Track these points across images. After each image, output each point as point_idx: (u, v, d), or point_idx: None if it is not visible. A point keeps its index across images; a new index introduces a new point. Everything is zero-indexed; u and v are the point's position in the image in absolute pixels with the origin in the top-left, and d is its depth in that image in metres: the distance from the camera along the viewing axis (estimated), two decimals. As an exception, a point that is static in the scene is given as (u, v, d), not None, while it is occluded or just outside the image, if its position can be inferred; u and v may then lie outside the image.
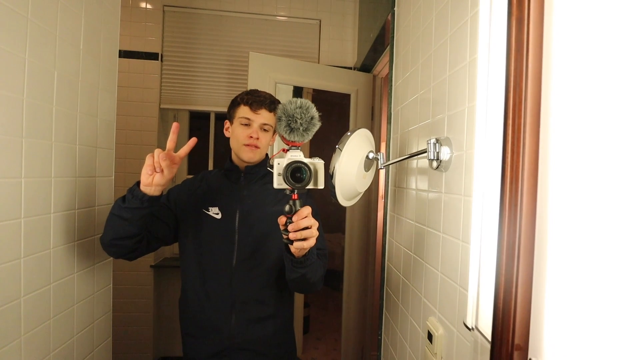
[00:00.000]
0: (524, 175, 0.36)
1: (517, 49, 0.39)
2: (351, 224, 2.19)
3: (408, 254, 1.08)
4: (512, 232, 0.37)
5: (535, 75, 0.39)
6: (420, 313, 0.96)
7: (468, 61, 0.74)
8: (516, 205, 0.36)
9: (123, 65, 2.30)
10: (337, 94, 2.16)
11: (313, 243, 0.78)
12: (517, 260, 0.37)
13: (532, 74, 0.37)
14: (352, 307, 2.20)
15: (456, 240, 0.76)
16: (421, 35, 1.05)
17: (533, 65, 0.39)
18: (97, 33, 1.14)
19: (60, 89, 0.97)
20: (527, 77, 0.39)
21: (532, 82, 0.38)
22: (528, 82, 0.38)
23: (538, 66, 0.39)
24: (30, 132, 0.87)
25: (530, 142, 0.38)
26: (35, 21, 0.87)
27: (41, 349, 0.94)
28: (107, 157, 1.23)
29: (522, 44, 0.37)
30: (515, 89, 0.39)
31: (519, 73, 0.39)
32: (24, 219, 0.86)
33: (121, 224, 0.91)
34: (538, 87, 0.38)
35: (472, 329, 0.49)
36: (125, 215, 0.90)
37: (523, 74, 0.39)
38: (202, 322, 1.04)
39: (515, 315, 0.36)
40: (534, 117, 0.39)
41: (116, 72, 1.27)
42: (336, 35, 2.55)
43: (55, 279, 0.98)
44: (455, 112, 0.79)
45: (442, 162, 0.83)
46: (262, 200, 1.08)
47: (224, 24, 2.47)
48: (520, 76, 0.39)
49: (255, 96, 1.06)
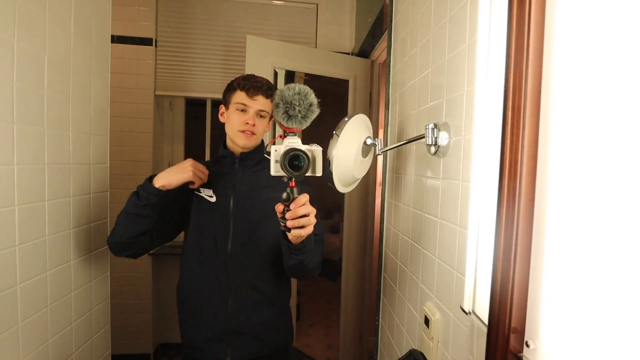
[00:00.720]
0: (523, 158, 0.35)
1: (518, 28, 0.37)
2: (349, 210, 2.19)
3: (406, 240, 1.09)
4: (511, 216, 0.37)
5: (536, 57, 0.38)
6: (417, 298, 0.97)
7: (467, 44, 0.73)
8: (515, 188, 0.36)
9: (116, 51, 2.26)
10: (332, 79, 2.12)
11: (311, 230, 0.78)
12: (515, 244, 0.36)
13: (532, 55, 0.36)
14: (350, 293, 2.22)
15: (454, 226, 0.76)
16: (420, 18, 1.03)
17: (534, 46, 0.38)
18: (88, 16, 1.11)
19: (51, 74, 0.95)
20: (528, 58, 0.38)
21: (532, 63, 0.37)
22: (529, 63, 0.37)
23: (539, 46, 0.38)
24: (21, 117, 0.85)
25: (530, 125, 0.37)
26: (23, 3, 0.84)
27: (39, 336, 0.95)
28: (101, 144, 1.21)
29: (524, 23, 0.36)
30: (516, 71, 0.38)
31: (520, 54, 0.38)
32: (17, 207, 0.86)
33: (139, 221, 0.95)
34: (539, 69, 0.37)
35: (469, 312, 0.49)
36: (144, 213, 0.95)
37: (524, 54, 0.37)
38: (199, 307, 1.05)
39: (512, 299, 0.36)
40: (534, 99, 0.38)
41: (109, 57, 1.24)
42: (333, 20, 2.50)
43: (51, 267, 0.98)
44: (454, 97, 0.78)
45: (440, 148, 0.83)
46: (256, 185, 1.07)
47: (219, 9, 2.42)
48: (520, 57, 0.38)
49: (252, 81, 1.03)
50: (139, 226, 0.96)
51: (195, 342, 1.06)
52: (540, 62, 0.37)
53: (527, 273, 0.36)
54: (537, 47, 0.38)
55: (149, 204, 0.94)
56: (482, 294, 0.48)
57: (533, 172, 0.37)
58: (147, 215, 0.95)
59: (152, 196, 0.94)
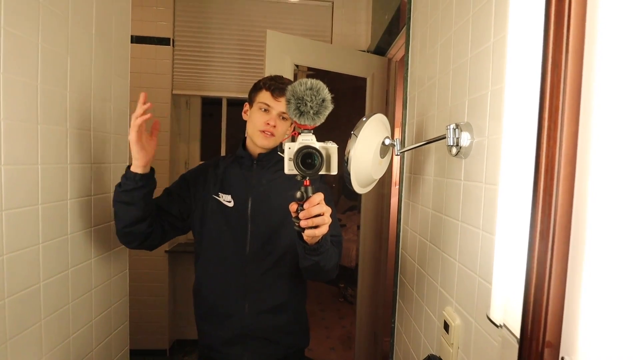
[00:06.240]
0: (560, 162, 0.33)
1: (556, 24, 0.35)
2: (365, 209, 2.18)
3: (424, 242, 1.06)
4: (546, 223, 0.35)
5: (576, 54, 0.35)
6: (436, 302, 0.95)
7: (492, 41, 0.70)
8: (551, 194, 0.34)
9: (135, 51, 2.29)
10: (347, 76, 2.10)
11: (325, 230, 0.75)
12: (551, 253, 0.34)
13: (572, 52, 0.34)
14: (365, 293, 2.20)
15: (476, 230, 0.73)
16: (440, 15, 1.00)
17: (574, 44, 0.35)
18: (108, 17, 1.12)
19: (73, 75, 0.97)
20: (567, 58, 0.35)
21: (572, 60, 0.35)
22: (568, 61, 0.35)
23: (579, 45, 0.36)
24: (45, 118, 0.87)
25: (568, 127, 0.35)
26: (47, 5, 0.86)
27: (61, 332, 0.97)
28: (121, 144, 1.23)
29: (562, 18, 0.34)
30: (554, 71, 0.36)
31: (558, 52, 0.36)
32: (41, 205, 0.87)
33: (125, 209, 0.95)
34: (579, 67, 0.35)
35: (501, 326, 0.47)
36: (125, 199, 0.94)
37: (562, 52, 0.35)
38: (215, 310, 1.05)
39: (547, 310, 0.34)
40: (573, 99, 0.35)
41: (128, 57, 1.26)
42: (349, 18, 2.48)
43: (73, 265, 1.00)
44: (477, 96, 0.75)
45: (461, 149, 0.80)
46: (275, 188, 1.06)
47: (235, 8, 2.43)
48: (559, 56, 0.36)
49: (278, 82, 1.03)
50: (129, 214, 0.95)
51: (211, 343, 1.07)
52: (580, 59, 0.35)
53: (564, 283, 0.34)
54: (578, 45, 0.36)
55: (128, 189, 0.93)
56: (511, 302, 0.46)
57: (571, 176, 0.35)
58: (130, 202, 0.94)
59: (129, 180, 0.93)
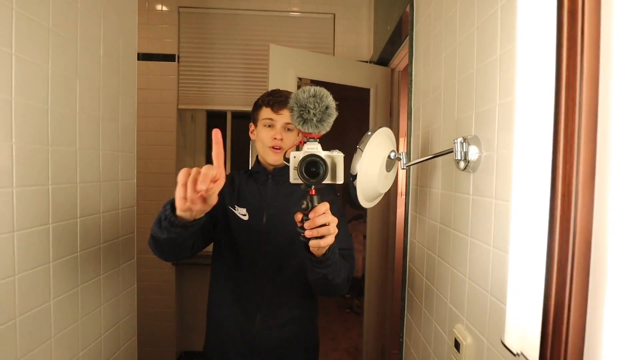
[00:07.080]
0: (578, 186, 0.33)
1: (569, 43, 0.35)
2: (371, 221, 2.16)
3: (431, 256, 1.05)
4: (564, 245, 0.34)
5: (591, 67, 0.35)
6: (445, 319, 0.93)
7: (499, 54, 0.70)
8: (568, 220, 0.33)
9: (141, 68, 2.31)
10: (351, 87, 2.11)
11: (331, 241, 0.72)
12: (570, 277, 0.33)
13: (587, 72, 0.34)
14: (372, 305, 2.18)
15: (486, 246, 0.72)
16: (444, 27, 1.00)
17: (589, 57, 0.35)
18: (115, 38, 1.14)
19: (82, 96, 0.98)
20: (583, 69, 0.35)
21: (588, 74, 0.34)
22: (583, 74, 0.35)
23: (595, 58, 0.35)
24: (55, 140, 0.88)
25: (586, 142, 0.34)
26: (57, 30, 0.88)
27: (71, 349, 0.97)
28: (128, 161, 1.24)
29: (576, 39, 0.34)
30: (568, 85, 0.36)
31: (572, 65, 0.35)
32: (52, 225, 0.88)
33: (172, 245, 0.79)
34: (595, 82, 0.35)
35: (518, 354, 0.46)
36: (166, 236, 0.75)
37: (577, 65, 0.35)
38: (226, 322, 1.05)
39: (567, 340, 0.33)
40: (589, 113, 0.35)
41: (135, 75, 1.28)
42: (351, 29, 2.50)
43: (82, 282, 1.00)
44: (485, 110, 0.75)
45: (470, 163, 0.79)
46: (289, 202, 1.06)
47: (238, 23, 2.46)
48: (573, 68, 0.35)
49: (276, 96, 1.04)
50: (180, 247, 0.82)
51: (219, 356, 1.06)
52: (596, 73, 0.35)
53: (584, 311, 0.33)
54: (592, 67, 0.35)
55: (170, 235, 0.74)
56: (528, 330, 0.44)
57: (590, 195, 0.34)
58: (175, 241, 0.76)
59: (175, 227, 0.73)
